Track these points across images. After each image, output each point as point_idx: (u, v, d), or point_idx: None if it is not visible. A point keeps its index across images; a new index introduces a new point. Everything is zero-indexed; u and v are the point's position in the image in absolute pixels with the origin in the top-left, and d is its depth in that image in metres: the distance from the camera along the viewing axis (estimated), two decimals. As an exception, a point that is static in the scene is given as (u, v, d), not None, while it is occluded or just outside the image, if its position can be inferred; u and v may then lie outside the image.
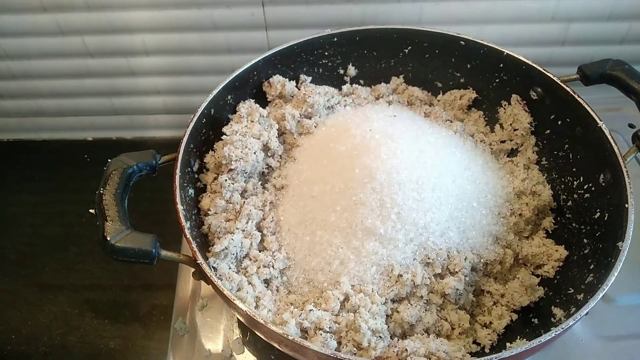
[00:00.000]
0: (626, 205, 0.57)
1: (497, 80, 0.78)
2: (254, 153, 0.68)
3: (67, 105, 1.17)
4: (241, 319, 0.56)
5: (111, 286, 0.96)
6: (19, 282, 0.98)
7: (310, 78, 0.81)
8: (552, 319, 0.57)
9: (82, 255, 0.99)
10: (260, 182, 0.70)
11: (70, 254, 1.00)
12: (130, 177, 0.60)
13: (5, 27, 1.01)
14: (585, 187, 0.66)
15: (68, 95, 1.15)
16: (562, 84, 0.70)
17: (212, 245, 0.61)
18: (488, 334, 0.59)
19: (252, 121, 0.71)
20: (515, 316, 0.61)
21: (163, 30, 1.02)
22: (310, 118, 0.76)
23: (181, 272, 0.74)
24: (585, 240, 0.63)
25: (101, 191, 0.57)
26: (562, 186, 0.70)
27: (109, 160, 0.61)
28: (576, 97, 0.68)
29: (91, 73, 1.10)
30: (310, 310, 0.55)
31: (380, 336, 0.54)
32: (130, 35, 1.03)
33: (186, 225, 0.57)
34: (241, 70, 0.74)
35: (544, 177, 0.71)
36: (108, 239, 0.53)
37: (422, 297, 0.58)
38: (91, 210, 0.57)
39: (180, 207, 0.58)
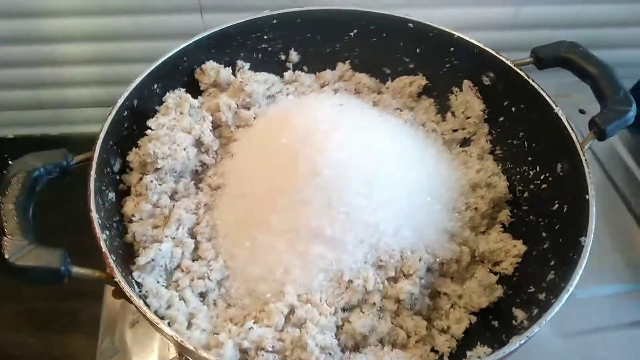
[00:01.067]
0: (587, 197, 0.53)
1: (447, 65, 0.73)
2: (184, 149, 0.60)
3: (-19, 98, 1.05)
4: (170, 343, 0.49)
5: (38, 299, 0.86)
6: None
7: (249, 64, 0.74)
8: (513, 321, 0.53)
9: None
10: (192, 182, 0.62)
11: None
12: (35, 181, 0.51)
13: None
14: (541, 177, 0.63)
15: (-20, 87, 1.03)
16: (515, 68, 0.66)
17: (138, 257, 0.54)
18: (446, 340, 0.54)
19: (182, 113, 0.63)
20: (474, 319, 0.56)
21: (87, 14, 0.92)
22: (248, 108, 0.69)
23: (107, 288, 0.66)
24: (544, 234, 0.59)
25: (-1, 200, 0.49)
26: (518, 177, 0.66)
27: (10, 162, 0.53)
28: (530, 81, 0.65)
29: (9, 62, 0.98)
30: (250, 328, 0.49)
31: (329, 352, 0.49)
32: (52, 20, 0.92)
33: (102, 236, 0.49)
34: (169, 55, 0.66)
35: (499, 167, 0.67)
36: (7, 257, 0.45)
37: (374, 304, 0.53)
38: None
39: (95, 214, 0.50)
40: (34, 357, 0.80)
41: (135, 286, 0.50)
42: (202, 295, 0.55)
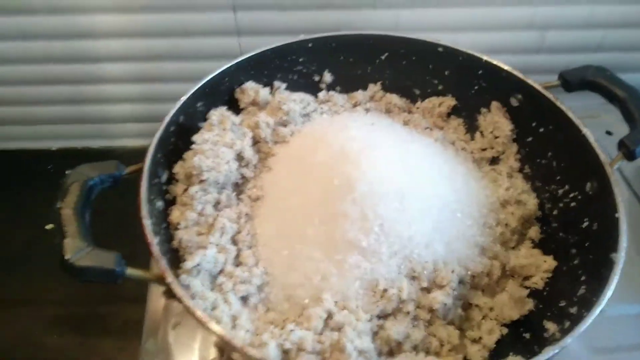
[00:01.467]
0: (616, 215, 0.55)
1: (476, 87, 0.76)
2: (227, 163, 0.63)
3: (30, 113, 1.11)
4: (214, 342, 0.52)
5: (78, 302, 0.90)
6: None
7: (285, 85, 0.78)
8: (544, 333, 0.54)
9: (46, 271, 0.92)
10: (234, 194, 0.65)
11: (33, 270, 0.93)
12: (91, 190, 0.55)
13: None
14: (570, 195, 0.65)
15: (31, 102, 1.09)
16: (543, 91, 0.69)
17: (184, 261, 0.57)
18: (479, 349, 0.56)
19: (224, 129, 0.67)
20: (505, 330, 0.58)
21: (131, 36, 0.97)
22: (285, 126, 0.72)
23: (152, 287, 0.69)
24: (573, 251, 0.61)
25: (59, 205, 0.52)
26: (547, 195, 0.68)
27: (67, 172, 0.57)
28: (558, 104, 0.67)
29: (55, 79, 1.04)
30: (291, 330, 0.51)
31: (366, 356, 0.51)
32: (96, 41, 0.98)
33: (154, 240, 0.53)
34: (212, 76, 0.70)
35: (528, 185, 0.69)
36: (67, 257, 0.48)
37: (408, 312, 0.55)
38: (47, 227, 0.52)
39: (147, 221, 0.54)
40: (73, 360, 0.84)
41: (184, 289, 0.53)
42: (244, 299, 0.57)
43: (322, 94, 0.79)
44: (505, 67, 0.72)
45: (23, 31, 0.95)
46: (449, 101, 0.78)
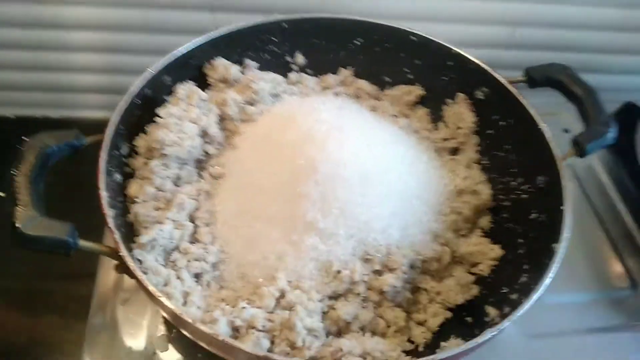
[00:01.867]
0: (562, 207, 0.57)
1: (444, 78, 0.77)
2: (191, 138, 0.63)
3: (-12, 78, 1.07)
4: (167, 316, 0.52)
5: (25, 274, 0.87)
6: None
7: (256, 64, 0.77)
8: (485, 318, 0.57)
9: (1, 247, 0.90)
10: (195, 170, 0.65)
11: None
12: (48, 158, 0.54)
13: None
14: (522, 187, 0.67)
15: (-11, 67, 1.05)
16: (508, 85, 0.70)
17: (138, 236, 0.57)
18: (422, 332, 0.58)
19: (191, 104, 0.66)
20: (449, 314, 0.60)
21: (99, 4, 0.95)
22: (253, 105, 0.72)
23: (102, 261, 0.69)
24: (520, 241, 0.63)
25: (14, 172, 0.52)
26: (501, 186, 0.70)
27: (25, 139, 0.55)
28: (521, 99, 0.69)
29: (16, 45, 1.00)
30: (243, 308, 0.52)
31: (315, 335, 0.52)
32: (63, 7, 0.95)
33: (109, 213, 0.52)
34: (183, 50, 0.70)
35: (485, 176, 0.71)
36: (18, 225, 0.48)
37: (359, 294, 0.56)
38: (1, 193, 0.51)
39: (104, 192, 0.53)
40: (15, 336, 0.82)
41: (137, 263, 0.53)
42: (197, 276, 0.58)
43: (293, 75, 0.79)
44: (474, 60, 0.73)
45: (-14, -7, 0.92)
46: (418, 90, 0.79)
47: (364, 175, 0.61)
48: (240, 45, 0.76)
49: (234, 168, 0.67)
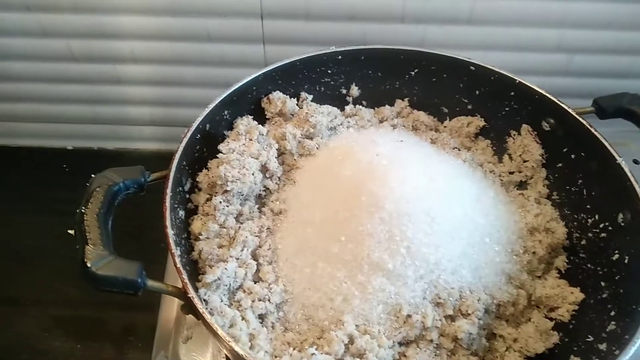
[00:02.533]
0: (650, 248, 0.53)
1: (506, 109, 0.75)
2: (252, 174, 0.62)
3: (47, 111, 1.10)
4: (233, 358, 0.50)
5: (85, 306, 0.89)
6: (-17, 299, 0.90)
7: (312, 96, 0.77)
8: (572, 370, 0.53)
9: (55, 273, 0.91)
10: (256, 206, 0.64)
11: (41, 270, 0.93)
12: (115, 195, 0.54)
13: (-15, 25, 0.95)
14: (601, 225, 0.63)
15: (48, 100, 1.09)
16: (577, 116, 0.67)
17: (202, 274, 0.56)
18: (501, 383, 0.54)
19: (251, 139, 0.66)
20: (529, 364, 0.56)
21: (154, 38, 0.97)
22: (312, 139, 0.71)
23: (164, 299, 0.68)
24: (602, 284, 0.59)
25: (83, 210, 0.51)
26: (575, 223, 0.66)
27: (92, 175, 0.55)
28: (592, 130, 0.65)
29: (74, 78, 1.04)
30: (312, 355, 0.50)
31: (388, 384, 0.49)
32: (119, 41, 0.98)
33: (176, 252, 0.51)
34: (240, 84, 0.69)
35: (557, 213, 0.68)
36: (89, 265, 0.47)
37: (432, 340, 0.53)
38: (70, 231, 0.51)
39: (170, 231, 0.53)
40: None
41: (203, 303, 0.52)
42: (261, 317, 0.56)
43: (348, 108, 0.78)
44: (539, 90, 0.70)
45: (45, 28, 0.95)
46: (478, 121, 0.76)
47: (429, 211, 0.58)
48: (295, 78, 0.75)
49: (293, 204, 0.65)
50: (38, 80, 1.04)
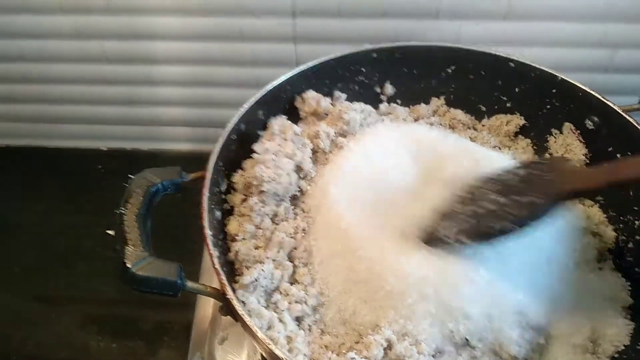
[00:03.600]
0: None
1: (547, 107, 0.72)
2: (287, 174, 0.62)
3: (82, 112, 1.12)
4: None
5: (121, 305, 0.90)
6: (22, 297, 0.92)
7: (345, 95, 0.75)
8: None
9: (91, 272, 0.93)
10: (292, 207, 0.64)
11: (78, 270, 0.94)
12: (154, 196, 0.55)
13: (22, 27, 0.96)
14: (649, 228, 0.60)
15: (83, 101, 1.10)
16: (623, 114, 0.64)
17: (239, 275, 0.55)
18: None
19: (286, 139, 0.65)
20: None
21: (187, 39, 0.97)
22: (345, 136, 0.70)
23: (199, 300, 0.68)
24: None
25: (122, 211, 0.52)
26: (621, 225, 0.64)
27: (130, 176, 0.56)
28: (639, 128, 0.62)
29: (108, 80, 1.05)
30: (352, 359, 0.49)
31: (430, 391, 0.48)
32: (152, 42, 0.98)
33: (214, 252, 0.51)
34: (275, 84, 0.69)
35: (605, 216, 0.65)
36: (129, 266, 0.47)
37: (474, 347, 0.52)
38: (109, 232, 0.52)
39: (208, 232, 0.52)
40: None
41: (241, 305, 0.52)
42: (298, 320, 0.55)
43: (383, 106, 0.77)
44: (582, 87, 0.68)
45: (78, 30, 0.96)
46: (517, 120, 0.74)
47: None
48: (329, 77, 0.75)
49: (324, 204, 0.64)
50: (72, 82, 1.06)
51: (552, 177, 0.52)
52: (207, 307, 0.67)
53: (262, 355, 0.61)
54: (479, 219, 0.53)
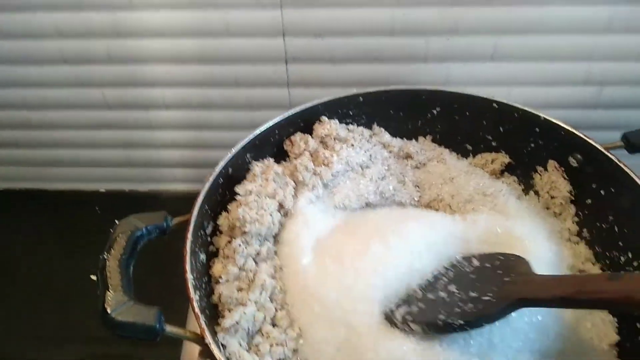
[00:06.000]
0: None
1: (532, 145, 0.73)
2: (270, 214, 0.63)
3: (83, 155, 1.15)
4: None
5: (115, 344, 0.90)
6: (16, 336, 0.93)
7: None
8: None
9: (87, 313, 0.93)
10: (274, 247, 0.64)
11: (74, 310, 0.95)
12: (137, 241, 0.55)
13: (26, 77, 1.00)
14: (634, 264, 0.60)
15: (84, 146, 1.13)
16: (605, 152, 0.65)
17: (222, 317, 0.56)
18: None
19: (267, 179, 0.67)
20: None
21: (184, 85, 1.01)
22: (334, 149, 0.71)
23: (185, 344, 0.68)
24: (638, 325, 0.55)
25: (105, 256, 0.53)
26: (607, 262, 0.64)
27: (116, 221, 0.57)
28: (622, 166, 0.63)
29: (109, 125, 1.08)
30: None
31: None
32: (151, 89, 1.02)
33: (195, 297, 0.52)
34: (263, 129, 0.71)
35: (591, 252, 0.65)
36: (108, 311, 0.48)
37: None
38: (93, 277, 0.52)
39: (189, 275, 0.53)
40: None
41: (221, 349, 0.52)
42: (279, 363, 0.55)
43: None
44: (564, 126, 0.69)
45: (80, 79, 1.00)
46: (503, 158, 0.75)
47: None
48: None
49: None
50: (74, 127, 1.09)
51: (508, 278, 0.51)
52: (194, 347, 0.67)
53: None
54: (430, 308, 0.52)
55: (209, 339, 0.48)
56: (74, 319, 0.93)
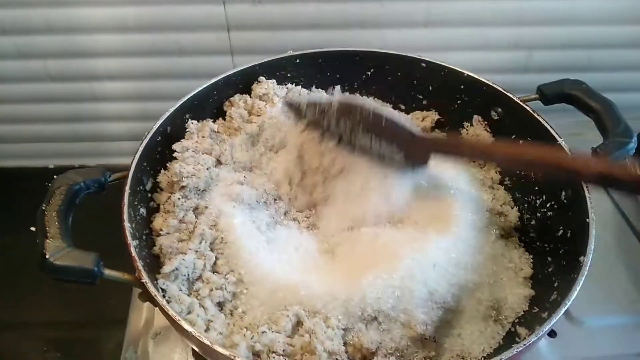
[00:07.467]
0: (587, 220, 0.56)
1: (458, 102, 0.78)
2: (207, 169, 0.65)
3: (28, 131, 1.14)
4: (189, 342, 0.53)
5: (68, 322, 0.91)
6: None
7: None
8: (517, 338, 0.55)
9: (37, 291, 0.93)
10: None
11: (23, 290, 0.94)
12: (76, 194, 0.57)
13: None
14: (547, 205, 0.66)
15: (29, 120, 1.12)
16: (521, 103, 0.70)
17: (164, 266, 0.58)
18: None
19: (203, 136, 0.69)
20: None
21: (127, 55, 1.01)
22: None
23: (135, 300, 0.70)
24: (549, 259, 0.61)
25: (43, 208, 0.54)
26: (526, 205, 0.69)
27: (55, 176, 0.58)
28: (535, 115, 0.68)
29: (53, 98, 1.07)
30: (263, 332, 0.52)
31: (337, 359, 0.51)
32: (94, 60, 1.01)
33: (132, 243, 0.54)
34: (200, 88, 0.73)
35: (510, 196, 0.70)
36: (47, 256, 0.50)
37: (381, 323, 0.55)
38: (32, 228, 0.54)
39: (127, 224, 0.55)
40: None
41: (160, 292, 0.54)
42: (220, 305, 0.58)
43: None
44: (486, 81, 0.74)
45: (21, 51, 0.99)
46: (433, 115, 0.80)
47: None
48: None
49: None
50: (17, 101, 1.08)
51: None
52: (141, 306, 0.69)
53: (192, 349, 0.63)
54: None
55: (145, 279, 0.51)
56: (25, 302, 0.93)
